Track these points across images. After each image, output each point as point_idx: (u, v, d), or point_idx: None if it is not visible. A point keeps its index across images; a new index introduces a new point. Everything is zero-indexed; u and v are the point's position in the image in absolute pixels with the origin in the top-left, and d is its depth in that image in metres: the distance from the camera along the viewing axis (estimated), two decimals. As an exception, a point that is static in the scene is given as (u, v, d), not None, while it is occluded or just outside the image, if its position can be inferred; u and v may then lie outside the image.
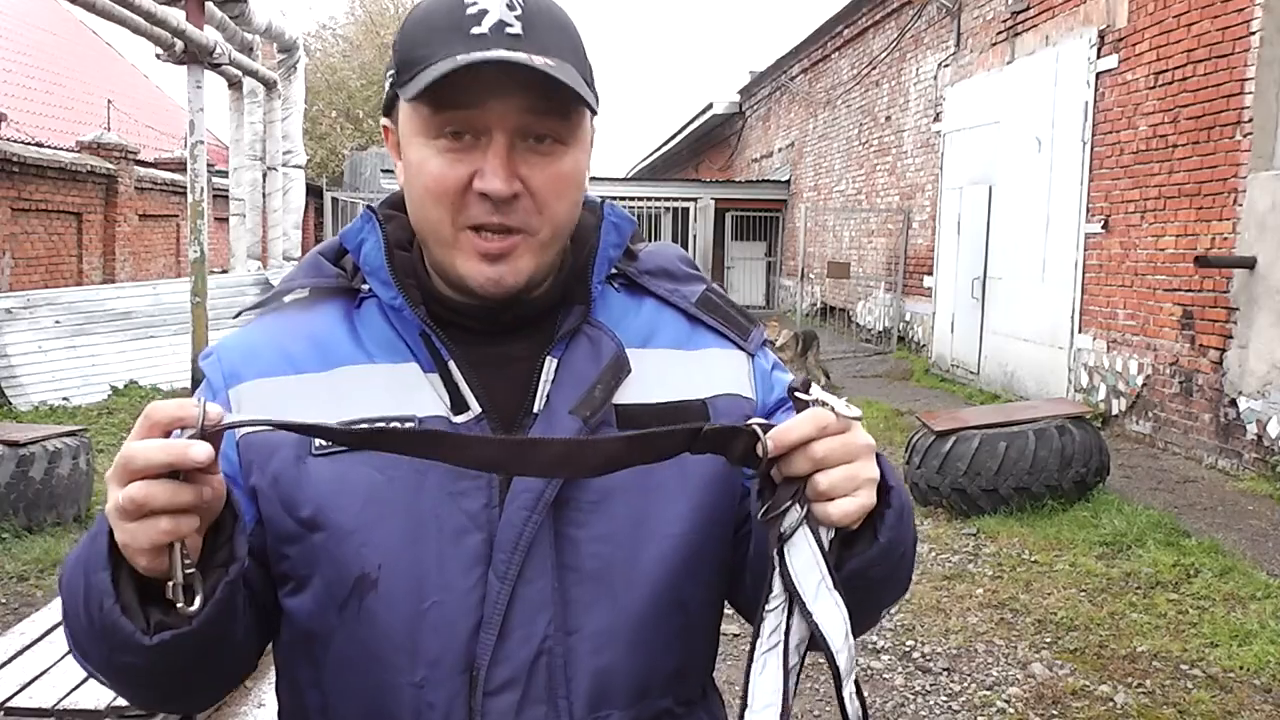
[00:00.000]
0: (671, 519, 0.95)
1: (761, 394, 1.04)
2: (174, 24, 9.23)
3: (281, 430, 0.86)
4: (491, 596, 0.90)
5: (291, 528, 0.93)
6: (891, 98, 14.16)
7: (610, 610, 0.92)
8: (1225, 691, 3.74)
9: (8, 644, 3.01)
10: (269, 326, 1.01)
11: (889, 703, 3.70)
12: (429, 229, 0.94)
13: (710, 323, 1.05)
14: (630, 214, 1.06)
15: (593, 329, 0.99)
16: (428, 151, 0.91)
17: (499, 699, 0.90)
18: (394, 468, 0.91)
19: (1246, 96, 6.81)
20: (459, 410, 0.94)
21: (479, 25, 0.88)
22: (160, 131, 20.23)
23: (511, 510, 0.91)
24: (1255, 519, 5.85)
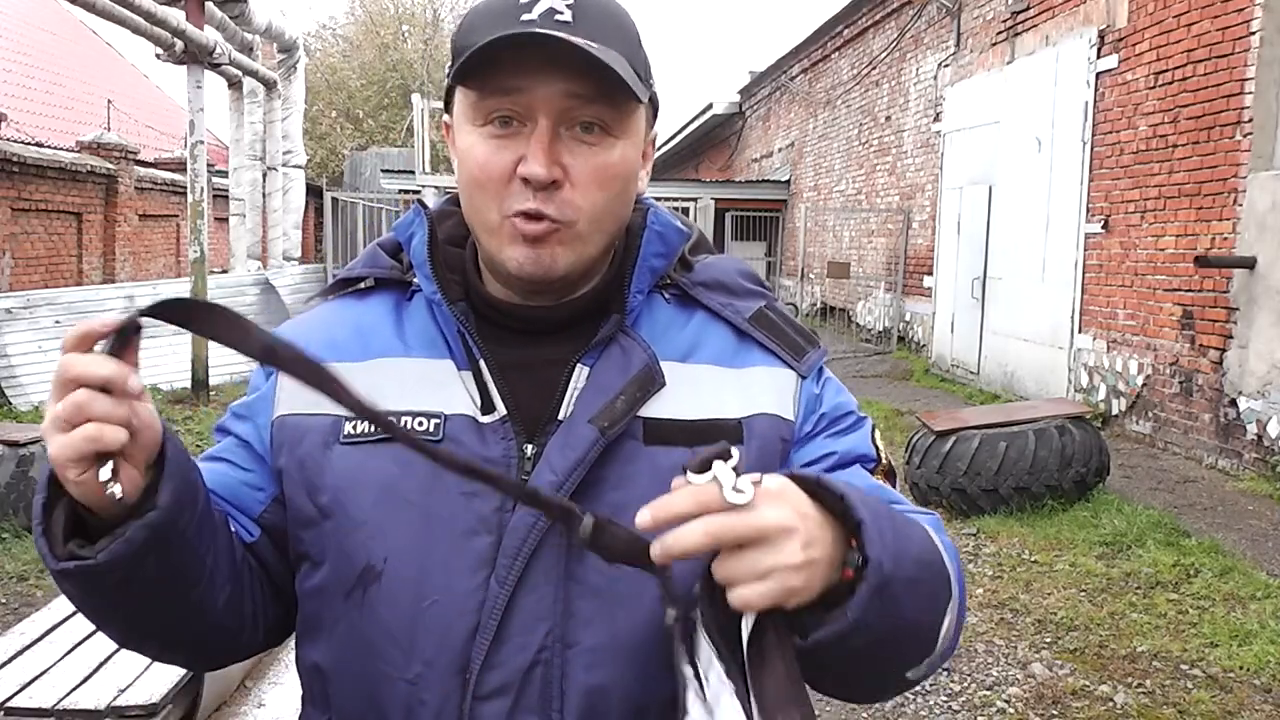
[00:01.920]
0: None
1: (802, 419, 1.00)
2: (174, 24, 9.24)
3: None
4: (490, 600, 0.89)
5: (310, 512, 0.94)
6: (891, 98, 14.16)
7: (609, 627, 0.91)
8: (1225, 691, 3.74)
9: (8, 644, 3.01)
10: (324, 313, 1.04)
11: (888, 702, 3.70)
12: (477, 217, 0.94)
13: (761, 339, 1.01)
14: (684, 223, 1.03)
15: (626, 339, 0.97)
16: (475, 138, 0.92)
17: (490, 704, 0.89)
18: (413, 463, 0.91)
19: (1246, 96, 6.81)
20: (487, 410, 0.94)
21: (529, 13, 0.88)
22: (160, 131, 20.22)
23: (519, 516, 0.90)
24: (1255, 519, 5.85)
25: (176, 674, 2.86)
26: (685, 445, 0.93)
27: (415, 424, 0.93)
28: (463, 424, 0.94)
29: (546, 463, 0.91)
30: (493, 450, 0.93)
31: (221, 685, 3.12)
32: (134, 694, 2.72)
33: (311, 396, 0.94)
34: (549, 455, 0.92)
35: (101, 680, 2.79)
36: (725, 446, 0.75)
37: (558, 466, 0.91)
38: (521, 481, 0.91)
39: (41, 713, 2.64)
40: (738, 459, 0.74)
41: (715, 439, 0.91)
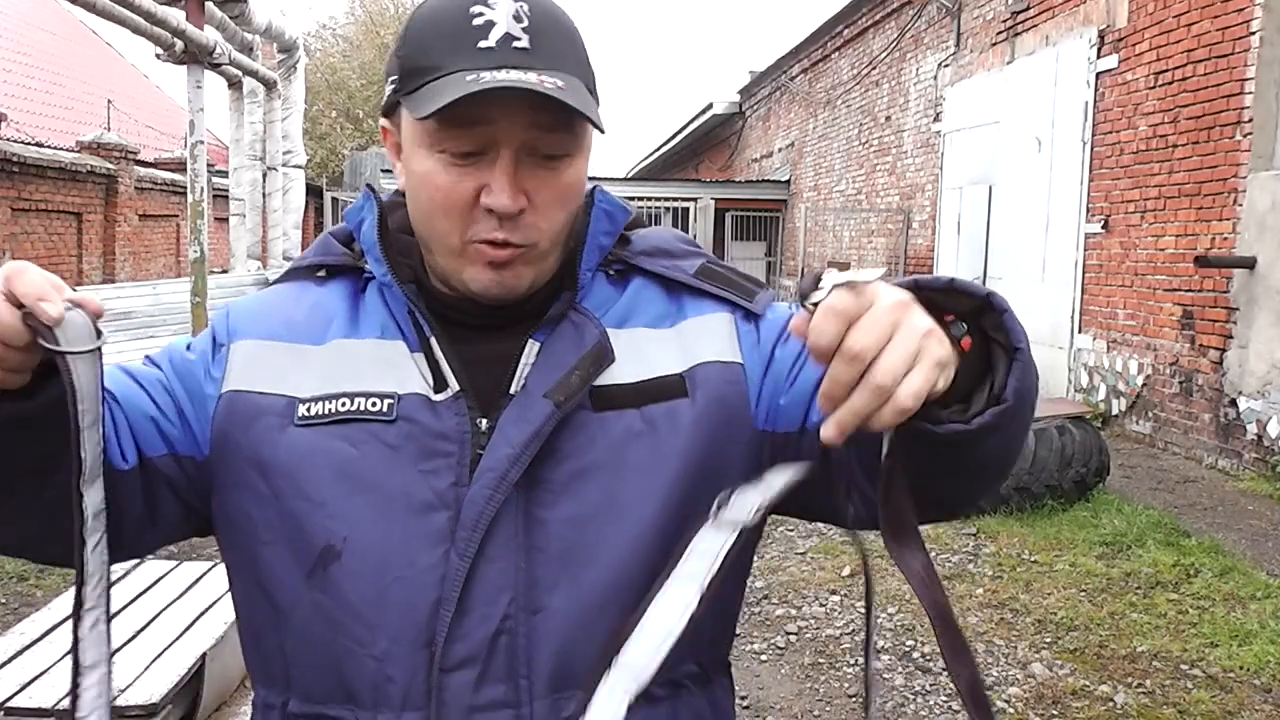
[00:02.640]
0: (642, 499, 0.94)
1: (748, 351, 1.01)
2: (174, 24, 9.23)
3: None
4: (451, 574, 0.90)
5: (262, 490, 0.95)
6: (891, 98, 14.16)
7: (574, 591, 0.92)
8: (1225, 691, 3.74)
9: (8, 644, 3.01)
10: (281, 294, 1.05)
11: (889, 702, 3.70)
12: (435, 239, 0.95)
13: (710, 289, 1.03)
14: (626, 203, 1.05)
15: (578, 315, 0.99)
16: (433, 164, 0.91)
17: (456, 676, 0.90)
18: (367, 443, 0.93)
19: (1246, 96, 6.82)
20: (440, 389, 0.95)
21: (486, 39, 0.89)
22: (160, 131, 20.22)
23: (476, 489, 0.91)
24: (1255, 519, 5.85)
25: (177, 674, 2.86)
26: (633, 407, 0.96)
27: (370, 404, 0.94)
28: (416, 402, 0.95)
29: (502, 435, 0.93)
30: (446, 424, 0.94)
31: (221, 685, 3.12)
32: (134, 694, 2.73)
33: (265, 375, 0.97)
34: (504, 428, 0.93)
35: (101, 680, 2.79)
36: (818, 270, 0.75)
37: (514, 439, 0.92)
38: (477, 455, 0.92)
39: (41, 713, 2.64)
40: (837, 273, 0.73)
41: (660, 396, 0.96)
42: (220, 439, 0.97)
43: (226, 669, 3.16)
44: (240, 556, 0.98)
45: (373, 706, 0.92)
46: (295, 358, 0.98)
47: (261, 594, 0.96)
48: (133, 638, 3.09)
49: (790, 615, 4.53)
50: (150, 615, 3.27)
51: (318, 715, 0.95)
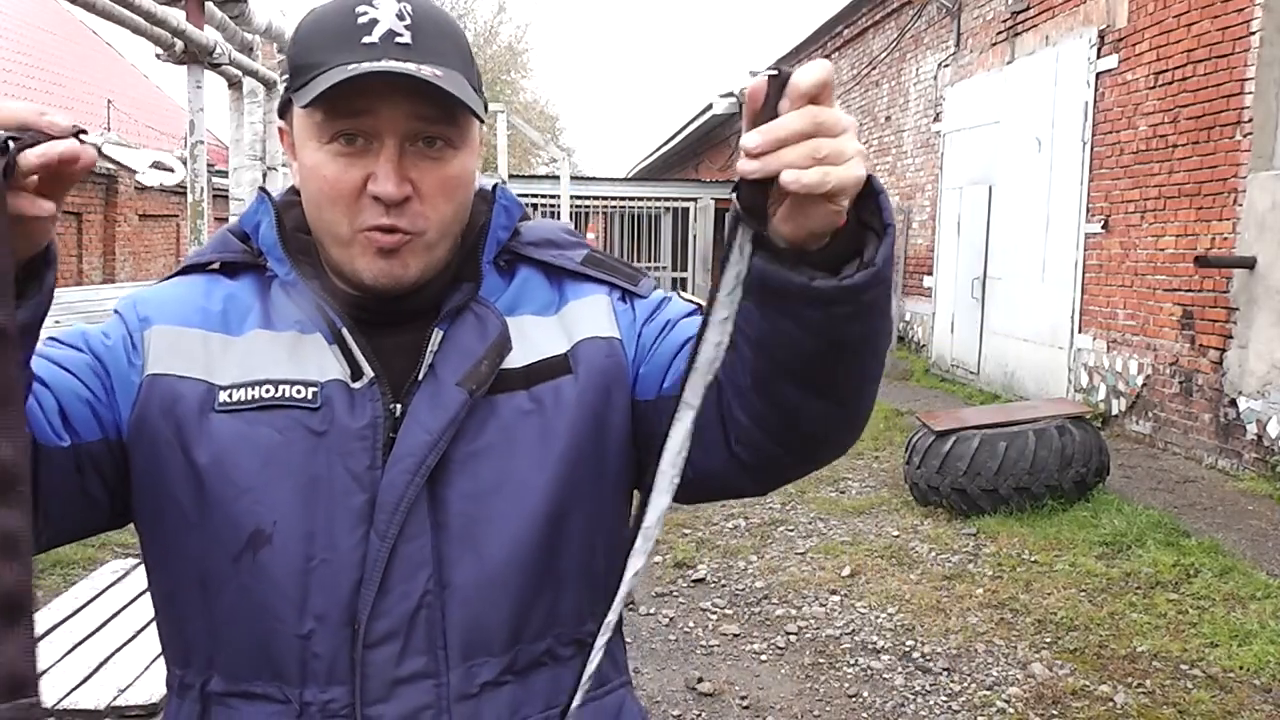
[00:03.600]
0: (533, 472, 0.99)
1: (625, 329, 1.07)
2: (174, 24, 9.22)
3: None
4: (372, 554, 0.94)
5: (187, 473, 0.96)
6: (891, 98, 14.16)
7: (476, 564, 0.97)
8: (1225, 691, 3.74)
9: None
10: (189, 286, 1.06)
11: (889, 703, 3.70)
12: (325, 230, 0.99)
13: (596, 275, 1.09)
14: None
15: (480, 306, 1.03)
16: (322, 156, 0.95)
17: (379, 651, 0.95)
18: (292, 429, 0.96)
19: (1246, 96, 6.82)
20: (356, 377, 0.98)
21: (369, 35, 0.93)
22: (160, 131, 20.22)
23: (394, 473, 0.95)
24: (1255, 519, 5.85)
25: (176, 674, 2.86)
26: (522, 389, 1.01)
27: (294, 392, 0.97)
28: (337, 389, 0.98)
29: (416, 421, 0.97)
30: (363, 410, 0.97)
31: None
32: (134, 694, 2.73)
33: (184, 361, 0.99)
34: (418, 414, 0.97)
35: (101, 680, 2.80)
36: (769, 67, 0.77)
37: (431, 426, 0.96)
38: (390, 439, 0.96)
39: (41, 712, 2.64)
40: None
41: (547, 375, 1.02)
42: (139, 423, 0.97)
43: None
44: (163, 540, 0.99)
45: (299, 683, 0.96)
46: (213, 345, 1.00)
47: (187, 576, 0.98)
48: (132, 638, 3.09)
49: (790, 615, 4.53)
50: (150, 615, 3.27)
51: (242, 693, 0.97)
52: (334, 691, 0.95)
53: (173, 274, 1.09)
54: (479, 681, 0.98)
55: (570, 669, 1.02)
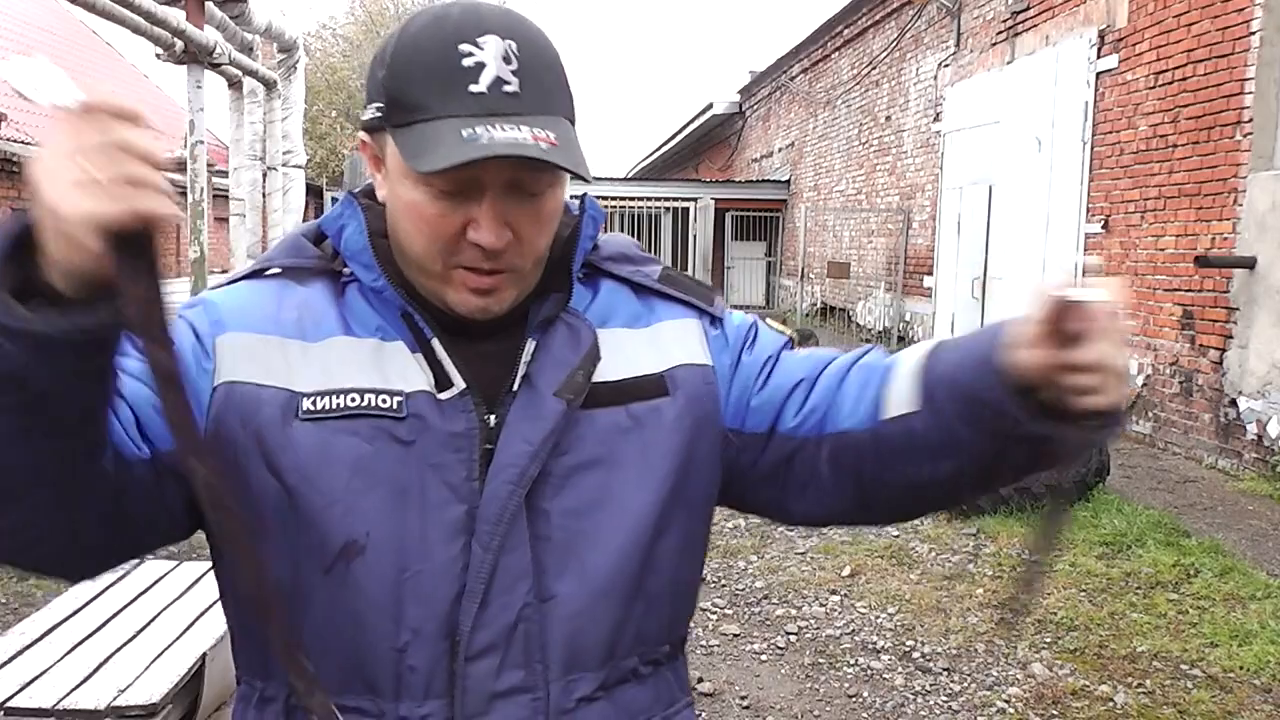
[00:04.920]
0: (634, 491, 1.00)
1: (717, 355, 1.09)
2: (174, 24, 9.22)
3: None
4: (475, 566, 0.93)
5: (272, 486, 0.94)
6: (891, 98, 14.16)
7: (578, 579, 0.97)
8: (1225, 691, 3.74)
9: (8, 644, 3.01)
10: (257, 290, 1.02)
11: (889, 703, 3.70)
12: (417, 262, 0.97)
13: (674, 294, 1.10)
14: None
15: (571, 317, 1.03)
16: (420, 196, 0.93)
17: (479, 664, 0.94)
18: (379, 438, 0.94)
19: (1246, 96, 6.81)
20: (443, 387, 0.97)
21: (476, 83, 0.89)
22: (160, 131, 20.16)
23: (496, 484, 0.95)
24: (1255, 519, 5.85)
25: (177, 674, 2.86)
26: (618, 405, 1.01)
27: (380, 401, 0.95)
28: (424, 400, 0.96)
29: (515, 432, 0.96)
30: (455, 420, 0.96)
31: (222, 685, 3.12)
32: (134, 694, 2.72)
33: (261, 368, 0.95)
34: (516, 425, 0.96)
35: (101, 680, 2.79)
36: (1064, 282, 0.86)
37: (530, 437, 0.96)
38: (486, 450, 0.96)
39: (41, 713, 2.64)
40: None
41: (642, 394, 1.02)
42: (216, 430, 0.94)
43: (227, 669, 3.16)
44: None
45: (394, 697, 0.94)
46: (291, 352, 0.97)
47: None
48: (133, 638, 3.09)
49: (790, 615, 4.53)
50: (150, 615, 3.27)
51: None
52: (430, 705, 0.94)
53: (236, 278, 1.05)
54: (576, 696, 0.98)
55: (648, 687, 1.04)
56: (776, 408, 1.07)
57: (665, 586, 1.03)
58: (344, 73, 30.18)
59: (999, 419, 0.91)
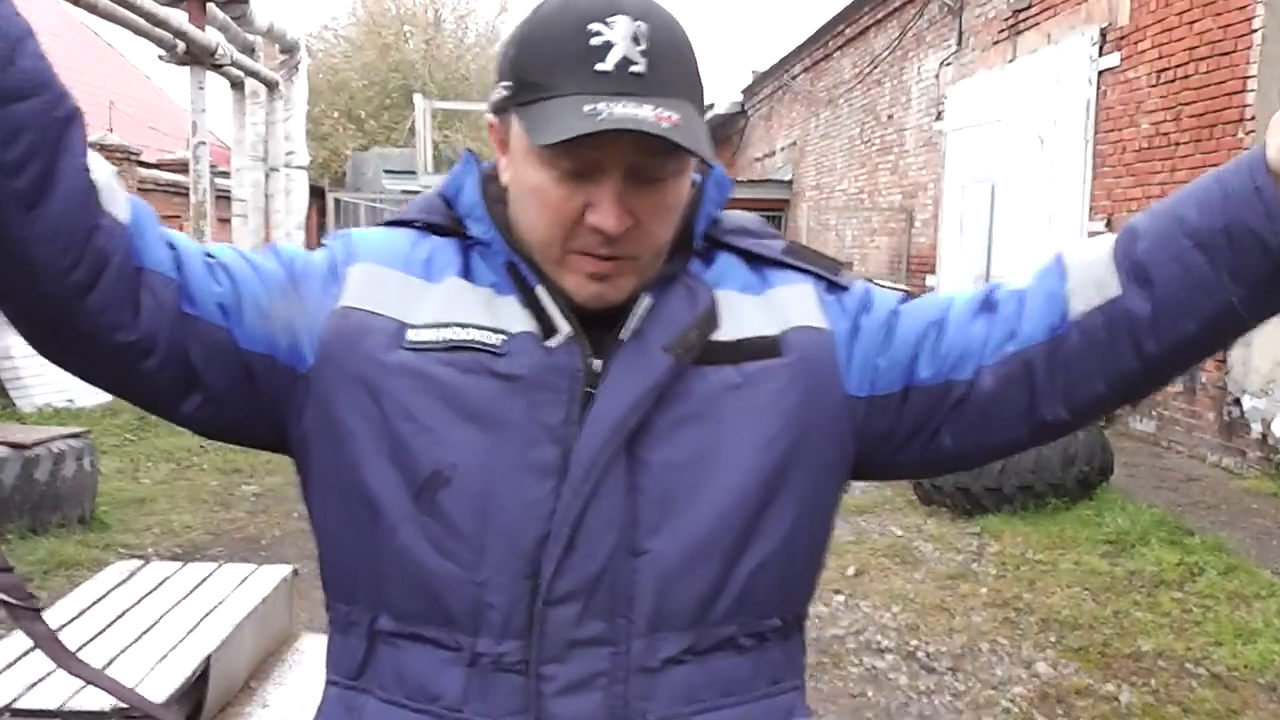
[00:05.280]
0: (742, 450, 0.97)
1: (833, 320, 1.05)
2: (176, 25, 9.25)
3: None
4: (563, 509, 0.92)
5: (370, 407, 0.96)
6: (893, 96, 14.15)
7: (673, 534, 0.95)
8: (1230, 690, 3.74)
9: (13, 645, 3.02)
10: (397, 234, 1.06)
11: (893, 702, 3.70)
12: (538, 244, 0.98)
13: (795, 264, 1.08)
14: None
15: (690, 279, 1.02)
16: (543, 178, 0.94)
17: (560, 609, 0.93)
18: (476, 371, 0.95)
19: (1249, 94, 6.80)
20: (549, 335, 0.97)
21: (603, 62, 0.90)
22: (163, 133, 20.24)
23: (593, 429, 0.93)
24: (1259, 517, 5.84)
25: (181, 676, 2.86)
26: (730, 364, 0.99)
27: (483, 336, 0.96)
28: (528, 340, 0.96)
29: (618, 380, 0.95)
30: (558, 361, 0.96)
31: (225, 687, 3.13)
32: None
33: (379, 297, 0.99)
34: (619, 373, 0.95)
35: (106, 682, 2.80)
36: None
37: (633, 387, 0.95)
38: (587, 395, 0.95)
39: (46, 714, 2.65)
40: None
41: (756, 354, 1.00)
42: (327, 352, 0.97)
43: (231, 671, 3.17)
44: (339, 472, 0.98)
45: (473, 631, 0.94)
46: (411, 288, 1.00)
47: (362, 511, 0.97)
48: (137, 639, 3.09)
49: (794, 615, 4.53)
50: (154, 617, 3.27)
51: (412, 634, 0.96)
52: (508, 645, 0.94)
53: (386, 223, 1.10)
54: (660, 656, 0.95)
55: (750, 660, 1.00)
56: (908, 360, 1.03)
57: (775, 555, 0.99)
58: (346, 74, 30.20)
59: (1267, 238, 0.90)
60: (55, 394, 8.90)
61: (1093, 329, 0.97)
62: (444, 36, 30.90)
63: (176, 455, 7.41)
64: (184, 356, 0.95)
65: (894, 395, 1.04)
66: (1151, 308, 0.94)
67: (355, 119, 29.14)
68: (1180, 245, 0.93)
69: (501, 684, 0.94)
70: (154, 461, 7.27)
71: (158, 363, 0.94)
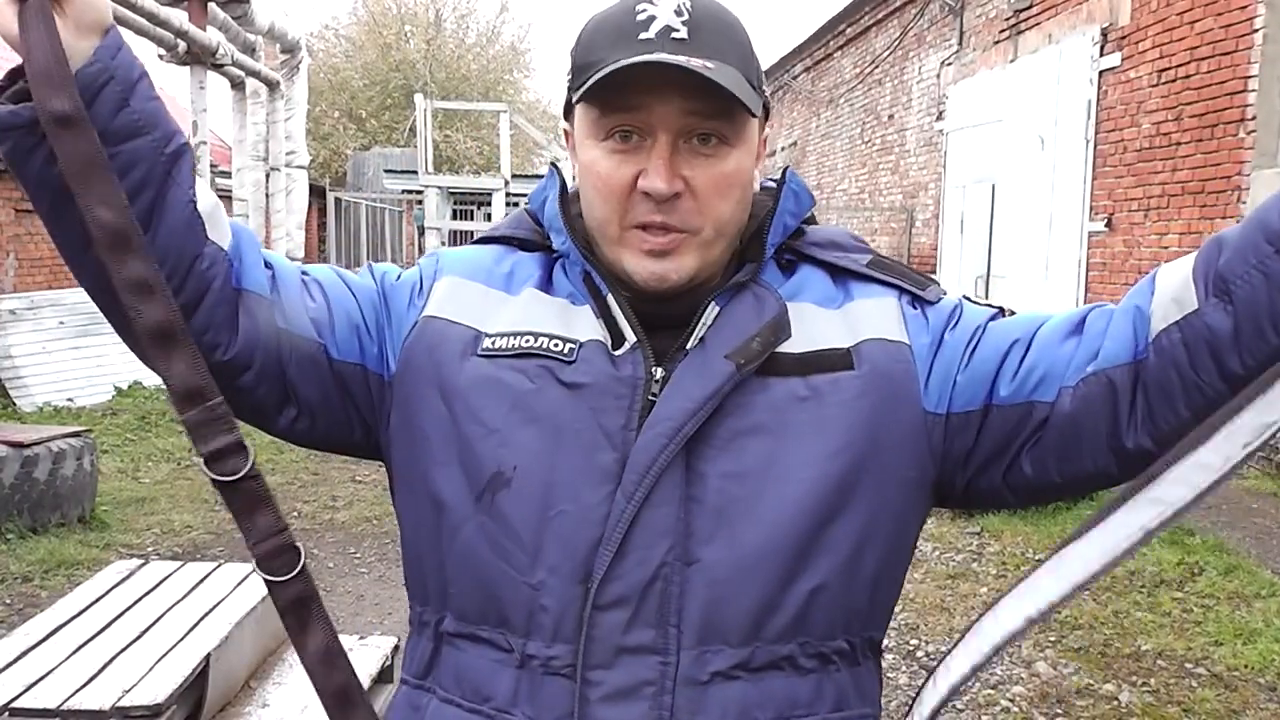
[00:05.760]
0: (804, 463, 0.95)
1: (914, 335, 1.02)
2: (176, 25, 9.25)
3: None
4: (615, 514, 0.93)
5: (441, 410, 0.99)
6: (894, 96, 14.15)
7: (728, 545, 0.94)
8: (1230, 690, 3.74)
9: (12, 644, 3.02)
10: (484, 251, 1.11)
11: (893, 701, 3.70)
12: (598, 227, 1.00)
13: (880, 277, 1.06)
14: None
15: (759, 288, 1.02)
16: (597, 153, 0.97)
17: (609, 614, 0.92)
18: (543, 377, 0.97)
19: (1250, 94, 6.80)
20: (618, 344, 0.99)
21: (646, 31, 0.93)
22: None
23: (650, 435, 0.93)
24: (1260, 517, 5.84)
25: (181, 675, 2.86)
26: (798, 375, 0.98)
27: (552, 344, 0.99)
28: (595, 348, 0.98)
29: (678, 387, 0.95)
30: (622, 369, 0.97)
31: (226, 686, 3.13)
32: (138, 695, 2.73)
33: (459, 308, 1.03)
34: (680, 380, 0.96)
35: (106, 681, 2.80)
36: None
37: (693, 394, 0.94)
38: (649, 402, 0.96)
39: (46, 713, 2.65)
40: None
41: (826, 366, 0.98)
42: (408, 359, 1.02)
43: (231, 670, 3.17)
44: (414, 474, 1.02)
45: (525, 634, 0.95)
46: (490, 300, 1.04)
47: (431, 512, 1.00)
48: (137, 638, 3.09)
49: (794, 615, 4.53)
50: (154, 616, 3.27)
51: (470, 635, 0.98)
52: (558, 649, 0.94)
53: (477, 241, 1.15)
54: (710, 669, 0.93)
55: (810, 683, 0.96)
56: (988, 379, 0.99)
57: (838, 573, 0.95)
58: (347, 73, 30.20)
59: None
60: (55, 393, 8.91)
61: (1171, 347, 0.89)
62: (445, 36, 30.89)
63: (176, 455, 7.41)
64: (279, 372, 1.01)
65: (973, 414, 0.99)
66: (1233, 322, 0.85)
67: (356, 118, 29.14)
68: (1261, 252, 0.84)
69: (550, 687, 0.94)
70: (154, 461, 7.27)
71: (254, 378, 1.00)
